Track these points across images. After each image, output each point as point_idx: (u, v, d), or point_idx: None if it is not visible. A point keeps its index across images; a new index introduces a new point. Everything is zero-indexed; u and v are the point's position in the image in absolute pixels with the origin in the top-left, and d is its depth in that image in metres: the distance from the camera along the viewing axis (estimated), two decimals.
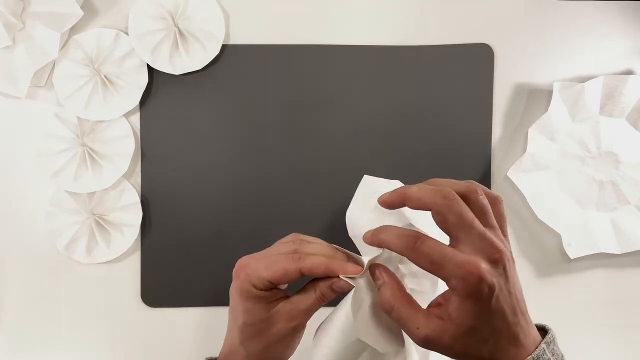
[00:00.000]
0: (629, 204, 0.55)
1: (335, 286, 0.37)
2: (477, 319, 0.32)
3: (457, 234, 0.33)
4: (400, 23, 0.56)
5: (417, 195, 0.34)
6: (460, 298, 0.32)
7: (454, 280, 0.32)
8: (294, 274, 0.37)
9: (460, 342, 0.33)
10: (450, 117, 0.56)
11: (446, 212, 0.33)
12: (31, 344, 0.56)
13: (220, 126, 0.56)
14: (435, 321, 0.33)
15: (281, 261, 0.37)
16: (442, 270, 0.32)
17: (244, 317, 0.39)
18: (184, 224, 0.56)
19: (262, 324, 0.38)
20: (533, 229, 0.57)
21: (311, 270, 0.37)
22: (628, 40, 0.57)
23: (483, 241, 0.32)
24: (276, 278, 0.37)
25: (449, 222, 0.33)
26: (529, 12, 0.56)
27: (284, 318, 0.38)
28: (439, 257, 0.32)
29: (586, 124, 0.55)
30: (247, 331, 0.39)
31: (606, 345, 0.58)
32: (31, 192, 0.55)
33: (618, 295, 0.57)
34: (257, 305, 0.38)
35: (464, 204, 0.33)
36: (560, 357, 0.35)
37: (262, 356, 0.39)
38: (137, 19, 0.53)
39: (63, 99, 0.54)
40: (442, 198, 0.33)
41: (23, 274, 0.56)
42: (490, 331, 0.33)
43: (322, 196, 0.56)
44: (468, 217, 0.33)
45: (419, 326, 0.33)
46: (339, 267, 0.37)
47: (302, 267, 0.37)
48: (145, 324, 0.56)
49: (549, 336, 0.35)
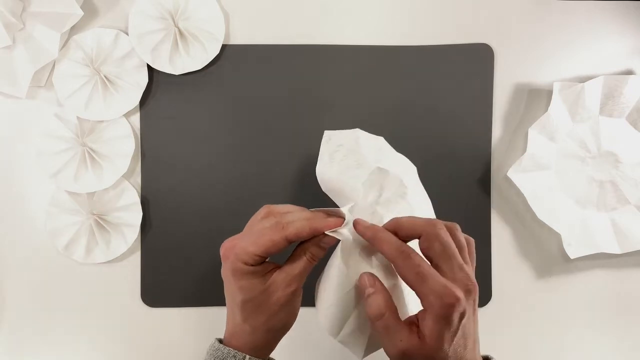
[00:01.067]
0: (629, 204, 0.55)
1: (322, 243, 0.40)
2: (444, 341, 0.34)
3: (439, 262, 0.35)
4: (400, 23, 0.56)
5: (407, 225, 0.37)
6: (434, 318, 0.34)
7: (432, 298, 0.34)
8: (281, 243, 0.38)
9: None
10: (450, 117, 0.56)
11: (433, 240, 0.36)
12: (31, 343, 0.56)
13: (220, 126, 0.56)
14: (414, 338, 0.35)
15: (266, 234, 0.39)
16: (425, 285, 0.34)
17: (242, 295, 0.40)
18: (184, 224, 0.56)
19: (261, 296, 0.40)
20: (533, 229, 0.57)
21: (297, 235, 0.39)
22: (628, 40, 0.57)
23: (461, 272, 0.35)
24: (265, 250, 0.38)
25: (435, 249, 0.36)
26: (529, 12, 0.56)
27: (280, 286, 0.40)
28: (425, 273, 0.34)
29: (586, 124, 0.55)
30: (248, 307, 0.40)
31: (606, 345, 0.58)
32: (31, 192, 0.55)
33: (618, 295, 0.57)
34: (251, 280, 0.40)
35: (450, 236, 0.36)
36: None
37: (267, 327, 0.41)
38: (137, 19, 0.53)
39: (63, 99, 0.54)
40: (432, 227, 0.36)
41: (23, 273, 0.56)
42: (454, 356, 0.35)
43: (321, 196, 0.56)
44: (451, 247, 0.36)
45: (402, 339, 0.35)
46: (321, 224, 0.39)
47: (287, 234, 0.38)
48: (145, 324, 0.56)
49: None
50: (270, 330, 0.42)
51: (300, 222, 0.39)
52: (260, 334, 0.41)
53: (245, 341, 0.41)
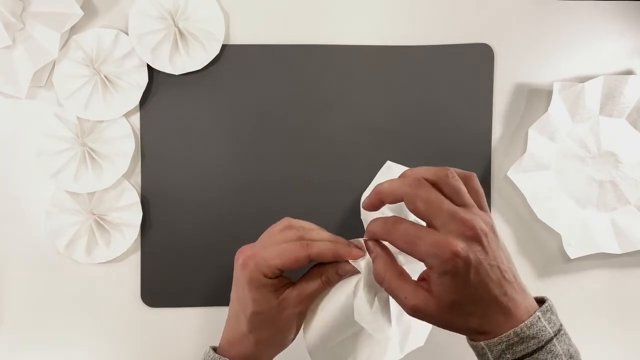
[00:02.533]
0: (629, 204, 0.55)
1: (341, 271, 0.39)
2: (457, 294, 0.33)
3: (429, 219, 0.34)
4: (400, 23, 0.56)
5: (388, 190, 0.36)
6: (437, 275, 0.33)
7: (429, 259, 0.33)
8: (303, 260, 0.38)
9: (445, 315, 0.34)
10: (450, 117, 0.56)
11: (415, 200, 0.34)
12: (31, 343, 0.56)
13: (220, 126, 0.56)
14: (422, 292, 0.34)
15: (291, 249, 0.38)
16: (416, 250, 0.33)
17: (254, 307, 0.39)
18: (184, 224, 0.56)
19: (272, 311, 0.40)
20: (533, 229, 0.57)
21: (319, 256, 0.38)
22: (628, 40, 0.57)
23: (454, 220, 0.33)
24: (287, 265, 0.38)
25: (419, 208, 0.34)
26: (529, 12, 0.56)
27: (292, 303, 0.40)
28: (413, 238, 0.33)
29: (586, 124, 0.55)
30: (257, 319, 0.40)
31: (606, 345, 0.58)
32: (31, 192, 0.55)
33: (618, 295, 0.57)
34: (266, 294, 0.39)
35: (432, 189, 0.35)
36: (557, 325, 0.35)
37: (271, 342, 0.41)
38: (137, 19, 0.53)
39: (63, 99, 0.54)
40: (408, 187, 0.35)
41: (23, 274, 0.56)
42: (474, 304, 0.34)
43: (322, 195, 0.56)
44: (436, 200, 0.34)
45: (407, 296, 0.35)
46: (345, 252, 0.39)
47: (310, 253, 0.38)
48: (145, 324, 0.56)
49: (545, 305, 0.36)
50: (272, 345, 0.41)
51: (324, 243, 0.39)
52: (262, 347, 0.41)
53: (245, 352, 0.41)
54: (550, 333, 0.34)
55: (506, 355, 0.34)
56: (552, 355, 0.34)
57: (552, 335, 0.34)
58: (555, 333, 0.35)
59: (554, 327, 0.35)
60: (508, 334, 0.34)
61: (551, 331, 0.34)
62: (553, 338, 0.34)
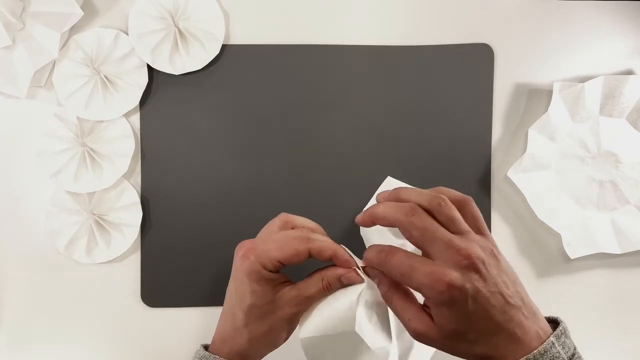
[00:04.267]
0: (629, 204, 0.55)
1: (344, 278, 0.39)
2: (457, 324, 0.33)
3: (425, 247, 0.34)
4: (400, 23, 0.56)
5: (382, 215, 0.36)
6: (434, 305, 0.33)
7: (424, 290, 0.33)
8: (303, 254, 0.38)
9: (447, 342, 0.34)
10: (450, 117, 0.56)
11: (410, 229, 0.34)
12: (31, 343, 0.56)
13: (220, 126, 0.56)
14: (425, 317, 0.34)
15: (291, 243, 0.38)
16: (411, 281, 0.33)
17: (252, 299, 0.39)
18: (183, 224, 0.56)
19: (269, 306, 0.40)
20: (533, 229, 0.57)
21: (319, 252, 0.38)
22: (628, 40, 0.57)
23: (449, 250, 0.33)
24: (287, 258, 0.38)
25: (414, 237, 0.34)
26: (529, 12, 0.56)
27: (289, 303, 0.39)
28: (407, 269, 0.33)
29: (586, 124, 0.55)
30: (253, 313, 0.40)
31: (606, 345, 0.58)
32: (31, 192, 0.55)
33: (618, 295, 0.57)
34: (264, 287, 0.39)
35: (427, 217, 0.34)
36: (571, 349, 0.34)
37: (264, 339, 0.41)
38: (137, 19, 0.53)
39: (63, 99, 0.54)
40: (403, 215, 0.34)
41: (23, 274, 0.56)
42: (476, 333, 0.33)
43: (321, 196, 0.56)
44: (430, 229, 0.33)
45: (411, 318, 0.34)
46: (344, 256, 0.39)
47: (311, 247, 0.38)
48: (145, 324, 0.56)
49: (559, 329, 0.35)
50: (264, 344, 0.41)
51: (325, 240, 0.39)
52: (254, 344, 0.40)
53: (237, 349, 0.40)
54: (565, 359, 0.33)
55: None
56: None
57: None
58: (569, 358, 0.34)
59: (568, 352, 0.34)
60: None
61: (565, 357, 0.33)
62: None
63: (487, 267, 0.33)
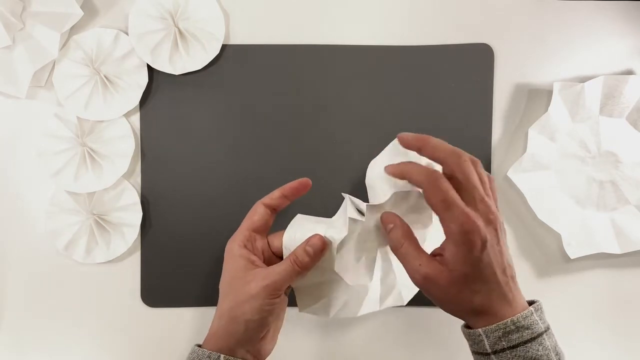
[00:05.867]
0: (629, 204, 0.55)
1: (307, 246, 0.41)
2: (469, 267, 0.35)
3: (461, 192, 0.37)
4: (400, 23, 0.56)
5: (435, 145, 0.39)
6: (455, 244, 0.35)
7: (454, 225, 0.35)
8: (260, 210, 0.45)
9: (454, 287, 0.36)
10: (450, 117, 0.56)
11: (457, 170, 0.37)
12: (31, 343, 0.56)
13: (220, 126, 0.56)
14: (436, 264, 0.37)
15: (251, 209, 0.45)
16: (448, 211, 0.35)
17: (224, 275, 0.43)
18: (184, 224, 0.56)
19: (235, 281, 0.42)
20: (533, 229, 0.57)
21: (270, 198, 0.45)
22: (628, 40, 0.57)
23: (482, 203, 0.37)
24: (250, 224, 0.44)
25: (458, 179, 0.37)
26: (529, 12, 0.56)
27: (256, 277, 0.41)
28: (450, 198, 0.36)
29: (586, 124, 0.55)
30: (224, 289, 0.43)
31: (606, 345, 0.58)
32: (31, 192, 0.55)
33: (618, 295, 0.57)
34: (237, 263, 0.43)
35: (472, 169, 0.38)
36: (546, 324, 0.39)
37: (230, 315, 0.41)
38: (137, 19, 0.53)
39: (63, 99, 0.54)
40: (456, 157, 0.38)
41: (23, 274, 0.56)
42: (481, 282, 0.36)
43: (321, 196, 0.56)
44: (474, 179, 0.37)
45: (422, 263, 0.37)
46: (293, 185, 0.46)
47: (263, 201, 0.45)
48: (145, 324, 0.56)
49: (537, 304, 0.39)
50: (234, 322, 0.41)
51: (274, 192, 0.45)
52: (225, 321, 0.41)
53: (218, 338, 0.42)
54: (542, 328, 0.38)
55: (501, 342, 0.36)
56: (542, 348, 0.37)
57: (543, 330, 0.38)
58: (545, 329, 0.38)
59: (544, 324, 0.38)
60: (505, 322, 0.36)
61: (542, 327, 0.38)
62: (543, 333, 0.37)
63: (501, 231, 0.38)
